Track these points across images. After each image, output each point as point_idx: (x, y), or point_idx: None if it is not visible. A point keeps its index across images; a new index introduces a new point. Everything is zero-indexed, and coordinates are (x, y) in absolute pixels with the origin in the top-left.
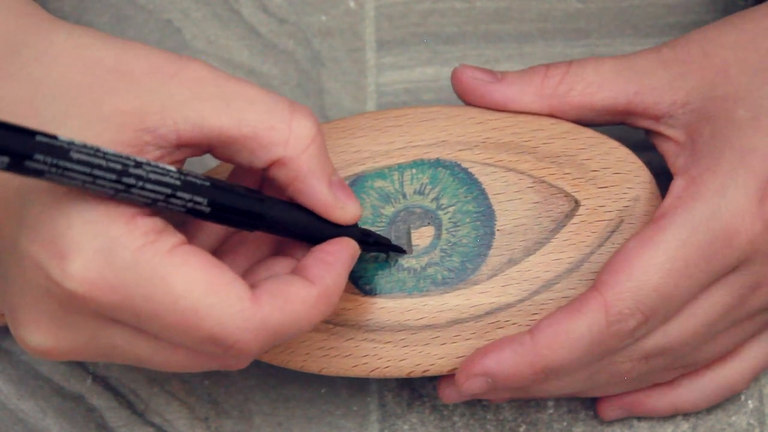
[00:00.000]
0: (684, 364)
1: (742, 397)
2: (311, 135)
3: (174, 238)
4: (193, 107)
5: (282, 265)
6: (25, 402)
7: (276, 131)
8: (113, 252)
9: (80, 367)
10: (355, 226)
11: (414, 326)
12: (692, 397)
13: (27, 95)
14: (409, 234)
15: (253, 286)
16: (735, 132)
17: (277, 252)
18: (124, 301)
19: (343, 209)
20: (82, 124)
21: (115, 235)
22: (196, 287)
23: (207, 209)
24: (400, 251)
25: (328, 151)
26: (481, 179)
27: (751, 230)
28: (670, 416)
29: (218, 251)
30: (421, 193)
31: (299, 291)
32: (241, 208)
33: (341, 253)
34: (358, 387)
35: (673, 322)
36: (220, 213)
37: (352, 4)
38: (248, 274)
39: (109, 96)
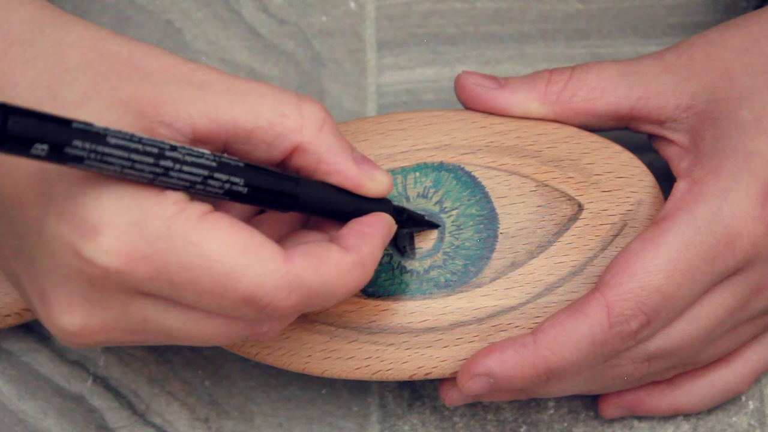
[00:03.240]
0: (684, 363)
1: (743, 398)
2: (322, 117)
3: (202, 206)
4: (206, 100)
5: (312, 237)
6: (26, 403)
7: (288, 118)
8: (146, 223)
9: (81, 367)
10: (388, 202)
11: (416, 329)
12: (693, 399)
13: (44, 79)
14: (412, 237)
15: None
16: (738, 134)
17: (305, 226)
18: (160, 271)
19: (372, 180)
20: (101, 107)
21: (145, 207)
22: (230, 250)
23: (244, 189)
24: (434, 226)
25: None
26: (485, 183)
27: (754, 233)
28: (670, 416)
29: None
30: (424, 196)
31: (334, 255)
32: (277, 189)
33: (378, 225)
34: (358, 388)
35: (675, 325)
36: (256, 194)
37: (352, 5)
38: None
39: (125, 84)
